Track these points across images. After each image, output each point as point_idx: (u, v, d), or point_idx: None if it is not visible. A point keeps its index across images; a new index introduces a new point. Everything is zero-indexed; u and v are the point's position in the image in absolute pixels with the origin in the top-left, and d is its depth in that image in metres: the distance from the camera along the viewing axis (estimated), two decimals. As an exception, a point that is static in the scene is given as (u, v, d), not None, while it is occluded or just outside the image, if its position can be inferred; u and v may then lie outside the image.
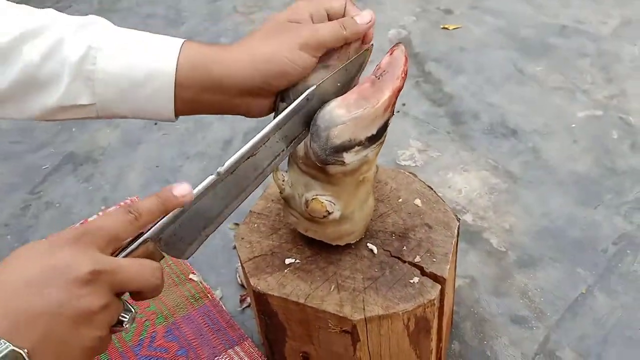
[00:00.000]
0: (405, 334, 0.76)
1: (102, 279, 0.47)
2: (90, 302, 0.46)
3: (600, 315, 1.03)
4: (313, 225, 0.75)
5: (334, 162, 0.65)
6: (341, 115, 0.63)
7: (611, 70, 1.60)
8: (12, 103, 0.61)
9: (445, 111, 1.51)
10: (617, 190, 1.26)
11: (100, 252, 0.48)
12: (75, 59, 0.59)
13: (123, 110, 0.63)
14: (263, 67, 0.61)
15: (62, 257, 0.46)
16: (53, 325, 0.45)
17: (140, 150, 1.47)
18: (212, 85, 0.62)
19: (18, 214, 1.32)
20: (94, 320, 0.47)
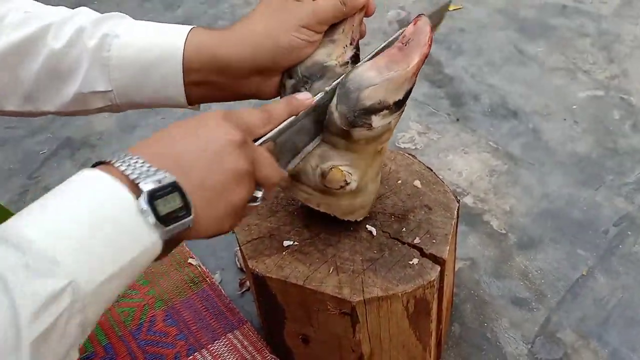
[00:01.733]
0: (405, 315, 0.75)
1: (248, 150, 0.52)
2: (241, 163, 0.51)
3: (601, 296, 1.03)
4: (327, 198, 0.73)
5: (361, 125, 0.64)
6: (372, 77, 0.63)
7: (612, 50, 1.58)
8: (41, 94, 0.64)
9: (445, 93, 1.50)
10: (618, 171, 1.25)
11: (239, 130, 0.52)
12: (92, 46, 0.62)
13: (138, 96, 0.65)
14: (270, 46, 0.63)
15: (216, 124, 0.51)
16: (209, 176, 0.49)
17: (137, 134, 1.46)
18: (219, 67, 0.63)
19: (16, 199, 1.31)
20: (241, 181, 0.51)
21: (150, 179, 0.44)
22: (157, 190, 0.44)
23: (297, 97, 0.61)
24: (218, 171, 0.49)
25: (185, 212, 0.46)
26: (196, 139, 0.50)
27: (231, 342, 0.96)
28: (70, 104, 0.64)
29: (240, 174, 0.51)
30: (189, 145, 0.49)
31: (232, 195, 0.50)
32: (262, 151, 0.55)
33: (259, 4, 0.65)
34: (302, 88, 0.65)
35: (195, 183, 0.47)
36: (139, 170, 0.45)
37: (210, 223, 0.49)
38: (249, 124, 0.55)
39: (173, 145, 0.49)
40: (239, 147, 0.51)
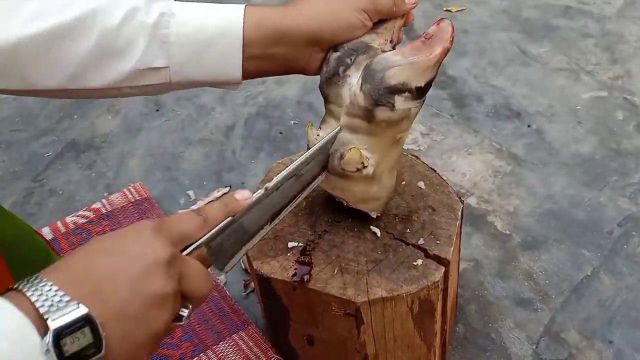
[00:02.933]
0: (410, 316, 0.76)
1: (175, 268, 0.48)
2: (165, 285, 0.47)
3: (606, 297, 1.03)
4: (342, 182, 0.73)
5: (385, 104, 0.66)
6: (397, 60, 0.66)
7: (616, 51, 1.58)
8: (91, 71, 0.63)
9: (448, 94, 1.50)
10: (622, 172, 1.25)
11: (173, 245, 0.50)
12: (150, 23, 0.62)
13: (194, 73, 0.66)
14: (330, 20, 0.67)
15: (143, 240, 0.48)
16: (130, 301, 0.45)
17: (142, 136, 1.47)
18: (278, 37, 0.65)
19: (21, 201, 1.32)
20: (165, 304, 0.47)
21: (60, 312, 0.41)
22: (66, 327, 0.41)
23: (235, 197, 0.58)
24: (139, 297, 0.45)
25: (95, 350, 0.42)
26: (120, 260, 0.46)
27: (236, 343, 0.96)
28: (122, 81, 0.65)
29: (165, 297, 0.47)
30: (111, 268, 0.45)
31: (154, 322, 0.46)
32: (193, 263, 0.51)
33: None
34: (347, 59, 0.69)
35: (113, 312, 0.44)
36: (50, 302, 0.41)
37: (125, 355, 0.45)
38: (182, 232, 0.52)
39: (93, 268, 0.45)
40: (165, 266, 0.47)
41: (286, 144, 1.40)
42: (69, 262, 0.46)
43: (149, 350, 0.48)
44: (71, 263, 0.46)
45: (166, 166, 1.37)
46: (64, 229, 1.18)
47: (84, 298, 0.43)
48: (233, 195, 0.58)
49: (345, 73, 0.69)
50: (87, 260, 0.46)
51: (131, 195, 1.25)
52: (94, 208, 1.22)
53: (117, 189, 1.30)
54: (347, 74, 0.69)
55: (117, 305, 0.44)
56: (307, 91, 1.54)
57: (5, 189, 1.36)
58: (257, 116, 1.49)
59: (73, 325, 0.41)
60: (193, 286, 0.50)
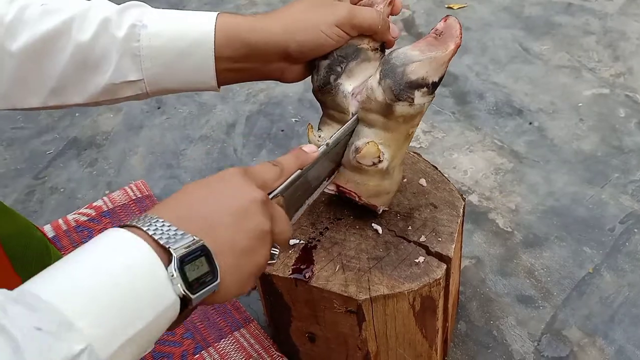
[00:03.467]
0: (411, 313, 0.76)
1: (268, 208, 0.52)
2: (264, 222, 0.50)
3: (607, 294, 1.02)
4: (355, 175, 0.73)
5: (405, 99, 0.67)
6: (416, 55, 0.67)
7: (618, 48, 1.58)
8: (71, 86, 0.64)
9: (450, 91, 1.50)
10: (624, 169, 1.25)
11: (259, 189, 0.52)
12: (121, 37, 0.62)
13: (170, 83, 0.66)
14: (299, 37, 0.65)
15: (237, 183, 0.51)
16: (236, 237, 0.48)
17: (143, 134, 1.47)
18: (248, 52, 0.65)
19: (23, 199, 1.32)
20: (265, 239, 0.51)
21: (179, 243, 0.44)
22: (187, 255, 0.44)
23: (305, 150, 0.62)
24: (245, 232, 0.49)
25: (211, 277, 0.45)
26: (220, 200, 0.49)
27: (238, 340, 0.96)
28: (99, 95, 0.65)
29: (264, 233, 0.50)
30: (214, 206, 0.49)
31: (258, 256, 0.50)
32: (278, 207, 0.55)
33: None
34: (337, 67, 0.68)
35: (223, 245, 0.47)
36: (167, 235, 0.44)
37: (233, 286, 0.48)
38: (265, 179, 0.55)
39: (197, 207, 0.48)
40: (261, 205, 0.51)
41: (287, 142, 1.40)
42: (173, 204, 0.49)
43: (251, 284, 0.51)
44: (176, 204, 0.49)
45: (167, 164, 1.37)
46: (65, 226, 1.18)
47: (196, 232, 0.46)
48: (302, 149, 0.62)
49: (337, 82, 0.69)
50: (190, 201, 0.49)
51: (132, 193, 1.25)
52: (96, 205, 1.22)
53: (118, 186, 1.30)
54: (339, 82, 0.69)
55: (226, 240, 0.47)
56: (308, 89, 1.54)
57: (7, 187, 1.36)
58: (259, 114, 1.49)
59: (192, 254, 0.44)
60: (281, 228, 0.54)
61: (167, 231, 0.44)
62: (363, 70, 0.70)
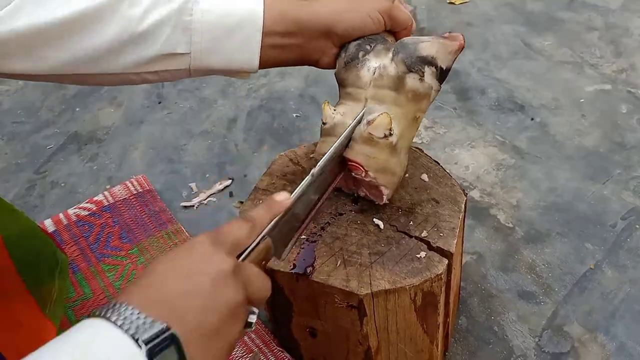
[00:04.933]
0: (412, 308, 0.75)
1: (240, 277, 0.50)
2: (235, 295, 0.48)
3: (609, 290, 1.02)
4: (366, 148, 0.73)
5: (416, 70, 0.71)
6: (427, 38, 0.73)
7: (620, 44, 1.58)
8: (113, 55, 0.65)
9: (451, 87, 1.50)
10: (626, 165, 1.24)
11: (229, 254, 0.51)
12: (175, 10, 0.65)
13: (213, 60, 0.68)
14: (347, 17, 0.71)
15: (205, 256, 0.49)
16: (206, 316, 0.46)
17: (144, 129, 1.46)
18: (296, 28, 0.69)
19: (24, 193, 1.32)
20: (237, 314, 0.48)
21: (148, 333, 0.42)
22: (155, 346, 0.42)
23: (275, 199, 0.59)
24: (214, 310, 0.47)
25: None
26: (189, 279, 0.47)
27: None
28: (143, 65, 0.67)
29: (237, 306, 0.48)
30: (183, 287, 0.46)
31: (230, 332, 0.48)
32: (251, 267, 0.53)
33: None
34: (366, 46, 0.73)
35: (191, 329, 0.45)
36: (136, 324, 0.43)
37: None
38: (237, 239, 0.53)
39: (165, 289, 0.46)
40: (231, 276, 0.48)
41: (288, 137, 1.39)
42: (140, 287, 0.47)
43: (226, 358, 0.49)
44: (144, 288, 0.46)
45: (168, 158, 1.37)
46: (66, 221, 1.17)
47: (165, 318, 0.44)
48: (273, 198, 0.59)
49: (365, 57, 0.73)
50: (157, 283, 0.47)
51: (133, 188, 1.24)
52: (96, 200, 1.22)
53: (119, 181, 1.30)
54: (367, 58, 0.73)
55: (196, 323, 0.45)
56: (309, 84, 1.54)
57: (8, 181, 1.36)
58: (260, 109, 1.48)
59: (161, 344, 0.42)
60: (256, 290, 0.52)
61: (135, 320, 0.43)
62: (386, 55, 0.74)
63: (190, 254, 0.49)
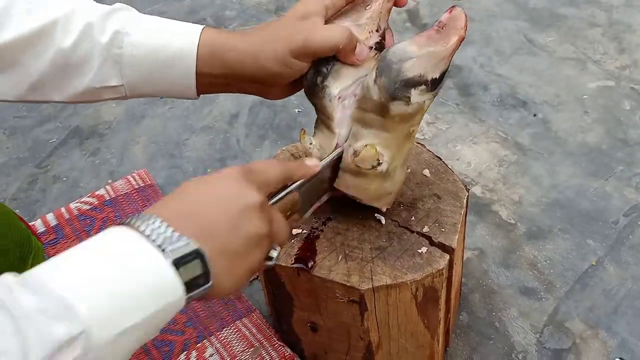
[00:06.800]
0: (414, 303, 0.75)
1: (266, 212, 0.52)
2: (260, 226, 0.51)
3: (610, 286, 1.02)
4: (357, 180, 0.71)
5: (401, 97, 0.65)
6: (414, 51, 0.65)
7: (623, 41, 1.57)
8: (50, 86, 0.64)
9: (454, 83, 1.49)
10: (628, 162, 1.24)
11: (260, 189, 0.53)
12: (104, 42, 0.63)
13: (149, 90, 0.67)
14: (263, 65, 0.64)
15: (237, 185, 0.51)
16: (231, 240, 0.49)
17: (146, 124, 1.46)
18: (227, 71, 0.65)
19: (26, 187, 1.32)
20: (261, 243, 0.51)
21: (174, 245, 0.44)
22: (181, 258, 0.44)
23: (308, 164, 0.63)
24: (240, 235, 0.49)
25: (204, 280, 0.46)
26: (218, 201, 0.50)
27: (240, 329, 0.96)
28: (79, 96, 0.65)
29: (260, 237, 0.51)
30: (211, 208, 0.49)
31: (252, 259, 0.51)
32: (276, 210, 0.56)
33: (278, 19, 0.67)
34: (323, 68, 0.66)
35: (217, 248, 0.47)
36: (163, 236, 0.45)
37: (228, 285, 0.49)
38: (268, 178, 0.55)
39: (195, 208, 0.49)
40: (259, 210, 0.51)
41: (290, 132, 1.39)
42: (171, 203, 0.49)
43: (246, 282, 0.52)
44: (174, 204, 0.49)
45: (170, 153, 1.37)
46: (67, 215, 1.18)
47: (192, 234, 0.46)
48: (304, 161, 0.62)
49: (324, 84, 0.66)
50: (189, 202, 0.49)
51: (135, 182, 1.24)
52: (98, 194, 1.22)
53: (120, 175, 1.30)
54: (326, 85, 0.66)
55: (221, 243, 0.48)
56: (311, 79, 1.53)
57: (10, 175, 1.36)
58: (261, 104, 1.48)
59: (186, 257, 0.45)
60: (278, 230, 0.55)
61: (163, 232, 0.45)
62: (352, 71, 0.67)
63: (222, 182, 0.51)
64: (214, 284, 0.47)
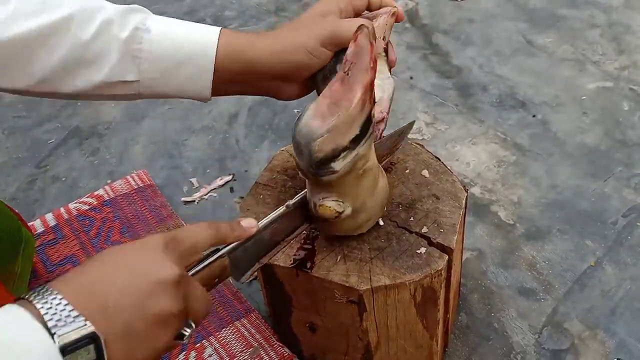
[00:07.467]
0: (412, 304, 0.75)
1: (182, 288, 0.49)
2: (171, 306, 0.47)
3: (609, 287, 1.02)
4: (329, 224, 0.72)
5: (325, 174, 0.64)
6: (318, 127, 0.61)
7: (622, 41, 1.57)
8: (59, 78, 0.65)
9: (453, 83, 1.49)
10: (627, 163, 1.24)
11: (183, 259, 0.51)
12: (123, 37, 0.63)
13: (164, 88, 0.67)
14: (289, 58, 0.67)
15: (153, 258, 0.48)
16: (136, 320, 0.45)
17: (145, 124, 1.46)
18: (245, 69, 0.67)
19: (25, 187, 1.32)
20: (169, 324, 0.48)
21: (67, 327, 0.42)
22: (72, 344, 0.42)
23: (242, 225, 0.60)
24: (145, 316, 0.46)
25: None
26: (127, 277, 0.46)
27: (238, 330, 0.96)
28: (91, 90, 0.66)
29: (169, 316, 0.47)
30: (120, 283, 0.46)
31: (157, 341, 0.47)
32: (196, 285, 0.53)
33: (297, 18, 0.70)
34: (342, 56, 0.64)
35: (117, 330, 0.44)
36: (58, 315, 0.42)
37: None
38: (194, 244, 0.53)
39: (102, 283, 0.46)
40: (173, 286, 0.48)
41: (289, 133, 1.39)
42: (79, 274, 0.46)
43: None
44: (82, 278, 0.46)
45: (169, 153, 1.37)
46: (67, 215, 1.18)
47: (91, 314, 0.43)
48: (239, 222, 0.60)
49: None
50: (97, 273, 0.46)
51: (134, 182, 1.25)
52: (97, 195, 1.22)
53: (120, 175, 1.30)
54: None
55: (123, 323, 0.45)
56: (311, 80, 1.53)
57: (9, 175, 1.36)
58: (261, 105, 1.48)
59: (79, 342, 0.42)
60: (196, 307, 0.51)
61: (60, 311, 0.42)
62: None
63: (139, 253, 0.49)
64: None
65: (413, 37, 1.63)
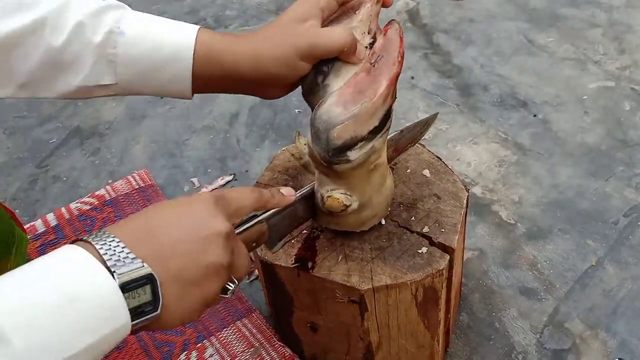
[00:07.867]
0: (414, 304, 0.75)
1: (231, 242, 0.51)
2: (221, 257, 0.49)
3: (610, 287, 1.02)
4: (333, 218, 0.73)
5: (339, 162, 0.64)
6: (339, 114, 0.62)
7: (624, 41, 1.57)
8: (38, 83, 0.64)
9: (454, 83, 1.49)
10: (628, 162, 1.24)
11: (230, 218, 0.52)
12: (97, 42, 0.62)
13: (143, 89, 0.66)
14: (267, 69, 0.64)
15: (206, 211, 0.50)
16: (188, 267, 0.47)
17: (146, 123, 1.46)
18: (224, 74, 0.65)
19: (26, 187, 1.32)
20: (218, 274, 0.50)
21: (125, 267, 0.43)
22: (130, 282, 0.43)
23: (281, 192, 0.63)
24: (198, 263, 0.48)
25: (151, 308, 0.45)
26: (182, 227, 0.48)
27: (240, 330, 0.96)
28: (71, 93, 0.65)
29: (219, 268, 0.49)
30: (174, 233, 0.48)
31: (207, 290, 0.49)
32: (241, 244, 0.55)
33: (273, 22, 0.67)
34: (323, 67, 0.65)
35: (171, 274, 0.46)
36: (117, 256, 0.44)
37: (176, 316, 0.48)
38: (240, 205, 0.55)
39: (157, 231, 0.47)
40: (224, 239, 0.50)
41: (290, 133, 1.39)
42: (134, 222, 0.48)
43: (197, 315, 0.50)
44: (137, 224, 0.48)
45: (170, 153, 1.37)
46: (68, 215, 1.18)
47: (146, 257, 0.45)
48: (279, 190, 0.62)
49: (325, 82, 0.66)
50: (152, 223, 0.48)
51: (135, 182, 1.25)
52: (98, 194, 1.22)
53: (121, 175, 1.30)
54: (327, 83, 0.66)
55: (177, 269, 0.47)
56: (312, 79, 1.53)
57: (10, 175, 1.36)
58: (262, 104, 1.48)
59: (136, 282, 0.43)
60: (239, 262, 0.53)
61: (119, 252, 0.44)
62: (350, 68, 0.66)
63: (191, 206, 0.50)
64: (162, 313, 0.46)
65: (414, 36, 1.63)
